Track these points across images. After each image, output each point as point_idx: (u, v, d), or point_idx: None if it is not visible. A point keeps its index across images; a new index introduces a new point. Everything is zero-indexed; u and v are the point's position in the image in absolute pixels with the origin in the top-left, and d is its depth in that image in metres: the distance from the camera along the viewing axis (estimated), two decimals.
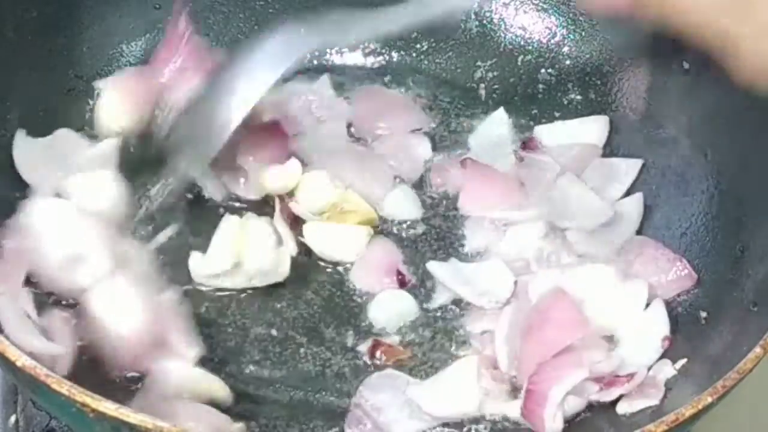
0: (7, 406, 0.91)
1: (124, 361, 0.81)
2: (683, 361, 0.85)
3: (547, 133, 1.04)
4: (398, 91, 1.09)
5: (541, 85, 1.09)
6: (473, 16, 1.11)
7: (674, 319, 0.89)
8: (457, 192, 1.00)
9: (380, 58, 1.11)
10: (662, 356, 0.86)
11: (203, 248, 0.90)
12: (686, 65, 0.99)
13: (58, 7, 0.96)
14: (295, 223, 0.95)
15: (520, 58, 1.10)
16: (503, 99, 1.09)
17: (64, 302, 0.84)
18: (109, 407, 0.65)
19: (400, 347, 0.89)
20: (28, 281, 0.83)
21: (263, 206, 0.96)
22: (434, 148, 1.04)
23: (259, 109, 0.92)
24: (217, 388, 0.82)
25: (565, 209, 0.96)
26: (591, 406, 0.84)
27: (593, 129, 1.04)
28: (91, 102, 0.99)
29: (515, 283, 0.91)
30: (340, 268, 0.94)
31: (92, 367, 0.80)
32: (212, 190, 0.96)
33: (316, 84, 1.06)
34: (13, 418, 0.90)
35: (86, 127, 0.98)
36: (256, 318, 0.90)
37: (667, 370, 0.84)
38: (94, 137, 0.97)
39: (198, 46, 0.99)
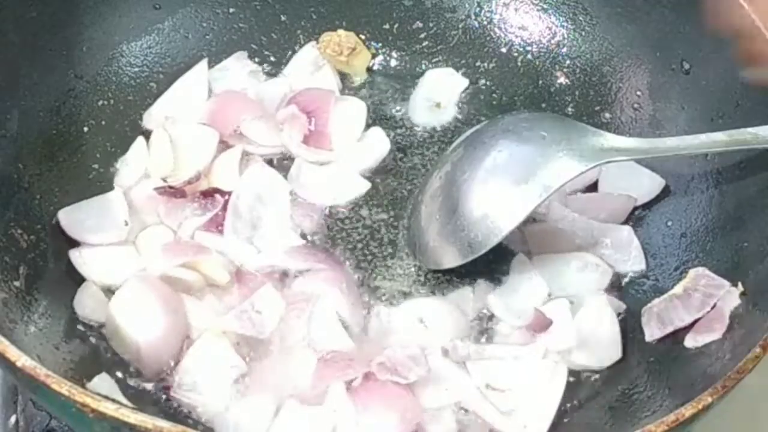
0: (7, 406, 0.91)
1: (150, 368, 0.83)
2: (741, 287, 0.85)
3: None
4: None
5: (541, 85, 1.09)
6: (473, 16, 1.11)
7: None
8: None
9: (380, 57, 1.11)
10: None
11: None
12: (686, 65, 0.99)
13: (58, 7, 0.96)
14: None
15: (520, 58, 1.10)
16: (503, 99, 1.09)
17: None
18: (109, 407, 0.64)
19: None
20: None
21: None
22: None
23: None
24: None
25: None
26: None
27: None
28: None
29: None
30: None
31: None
32: None
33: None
34: (13, 418, 0.90)
35: None
36: None
37: (732, 299, 0.84)
38: None
39: None
